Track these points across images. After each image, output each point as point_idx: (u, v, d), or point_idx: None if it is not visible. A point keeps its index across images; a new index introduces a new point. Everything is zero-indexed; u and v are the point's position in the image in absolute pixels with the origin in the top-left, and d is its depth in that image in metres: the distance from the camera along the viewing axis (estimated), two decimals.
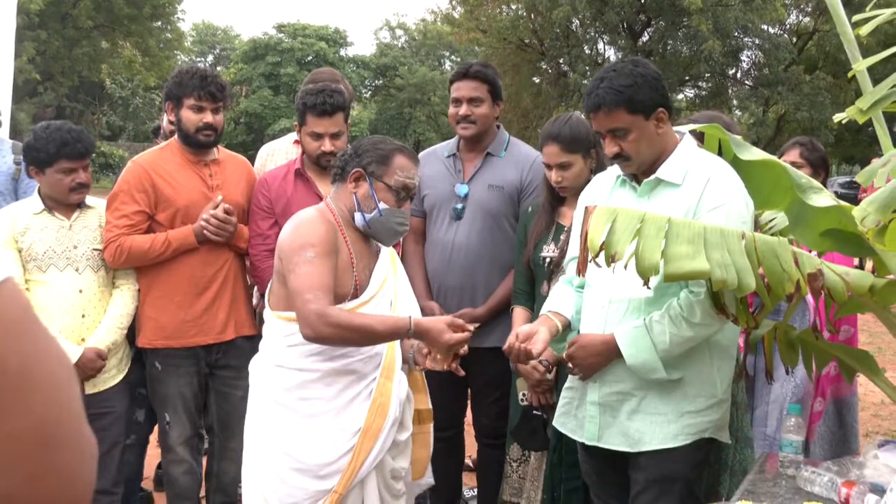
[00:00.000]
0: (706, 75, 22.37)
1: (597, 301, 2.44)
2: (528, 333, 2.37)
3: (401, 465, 2.58)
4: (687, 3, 19.08)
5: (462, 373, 2.56)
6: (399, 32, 43.07)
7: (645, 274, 1.99)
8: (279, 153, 3.81)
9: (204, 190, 3.25)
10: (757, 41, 22.00)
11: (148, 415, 3.62)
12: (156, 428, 3.75)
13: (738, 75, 23.47)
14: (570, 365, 2.44)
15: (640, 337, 2.30)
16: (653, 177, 2.40)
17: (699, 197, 2.32)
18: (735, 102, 23.47)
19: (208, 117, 3.20)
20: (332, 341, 2.37)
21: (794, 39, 22.96)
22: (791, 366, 2.67)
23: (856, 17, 2.21)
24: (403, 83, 38.27)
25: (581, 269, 2.09)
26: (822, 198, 2.42)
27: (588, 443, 2.46)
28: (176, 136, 3.31)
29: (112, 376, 3.23)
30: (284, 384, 2.45)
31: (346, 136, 3.33)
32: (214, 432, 3.48)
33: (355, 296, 2.49)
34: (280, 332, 2.48)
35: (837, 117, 2.21)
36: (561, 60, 23.01)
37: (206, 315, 3.25)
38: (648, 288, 2.10)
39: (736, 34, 21.39)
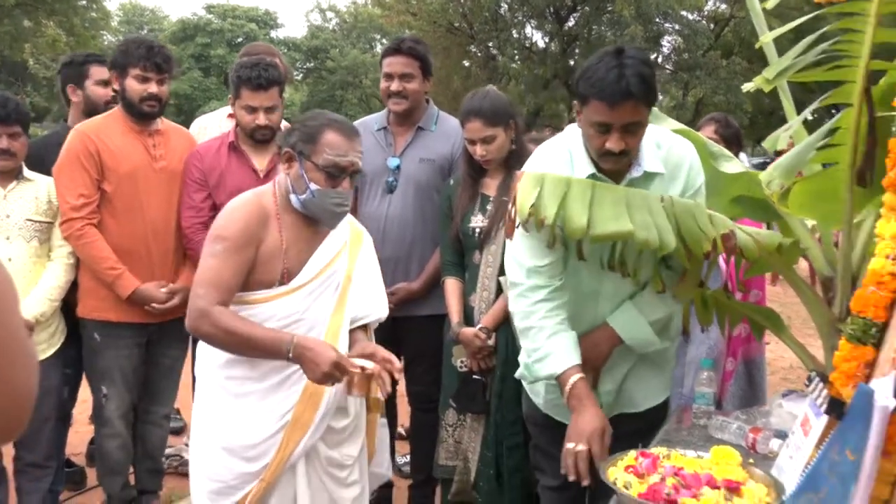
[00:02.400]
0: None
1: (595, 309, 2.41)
2: (602, 438, 2.17)
3: (346, 453, 2.49)
4: None
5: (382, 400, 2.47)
6: (330, 15, 42.44)
7: (573, 236, 2.05)
8: (212, 127, 3.78)
9: (147, 159, 3.22)
10: (677, 27, 22.47)
11: (71, 391, 3.56)
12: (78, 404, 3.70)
13: (660, 60, 23.90)
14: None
15: (632, 318, 2.35)
16: (640, 172, 2.26)
17: (685, 181, 2.30)
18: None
19: (153, 87, 3.19)
20: (209, 341, 2.30)
21: (712, 25, 23.47)
22: (706, 325, 2.78)
23: None
24: (335, 66, 37.81)
25: (509, 233, 2.14)
26: (733, 165, 2.53)
27: None
28: (120, 105, 3.28)
29: (42, 350, 3.16)
30: (217, 361, 2.39)
31: (281, 110, 3.31)
32: (140, 396, 3.45)
33: (282, 283, 2.37)
34: None
35: (746, 87, 2.30)
36: (490, 44, 23.07)
37: None
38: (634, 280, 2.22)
39: (657, 19, 21.77)
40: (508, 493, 2.98)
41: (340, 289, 2.46)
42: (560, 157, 2.29)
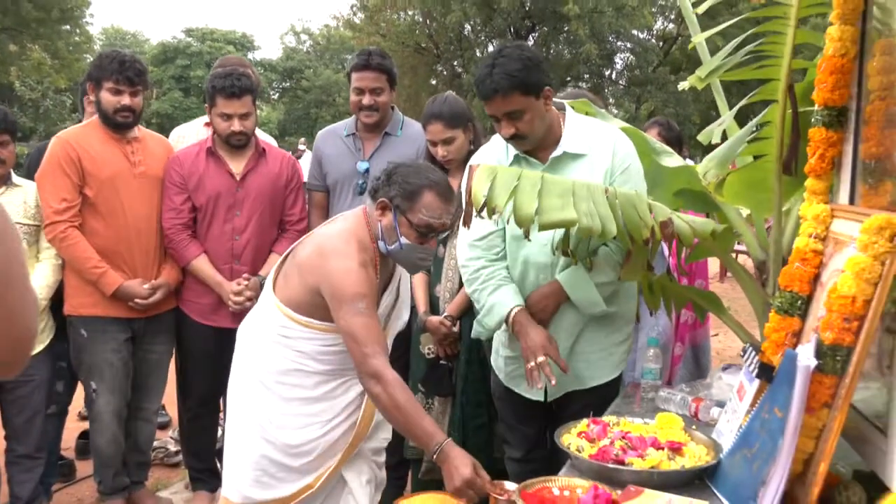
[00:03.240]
0: (585, 76, 22.98)
1: (536, 275, 2.48)
2: (552, 344, 2.35)
3: (383, 437, 2.50)
4: (566, 9, 19.56)
5: None
6: (304, 37, 42.36)
7: (522, 223, 2.09)
8: (190, 135, 3.78)
9: (126, 165, 3.22)
10: (629, 45, 22.80)
11: (67, 385, 3.54)
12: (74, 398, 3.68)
13: (613, 76, 24.23)
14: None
15: (580, 277, 2.41)
16: (559, 151, 2.41)
17: (611, 162, 2.39)
18: (612, 100, 24.19)
19: (125, 100, 3.18)
20: (373, 399, 2.19)
21: (661, 44, 23.83)
22: (654, 309, 2.84)
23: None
24: (309, 85, 37.77)
25: (466, 222, 2.18)
26: (674, 160, 2.59)
27: (550, 399, 2.53)
28: (98, 115, 3.27)
29: None
30: (268, 364, 2.33)
31: (255, 117, 3.33)
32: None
33: None
34: (276, 319, 2.33)
35: (681, 85, 2.38)
36: (455, 63, 23.21)
37: None
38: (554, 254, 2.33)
39: (610, 38, 22.09)
40: None
41: (391, 314, 2.48)
42: (498, 146, 2.53)
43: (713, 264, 8.72)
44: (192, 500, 3.57)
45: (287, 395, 2.31)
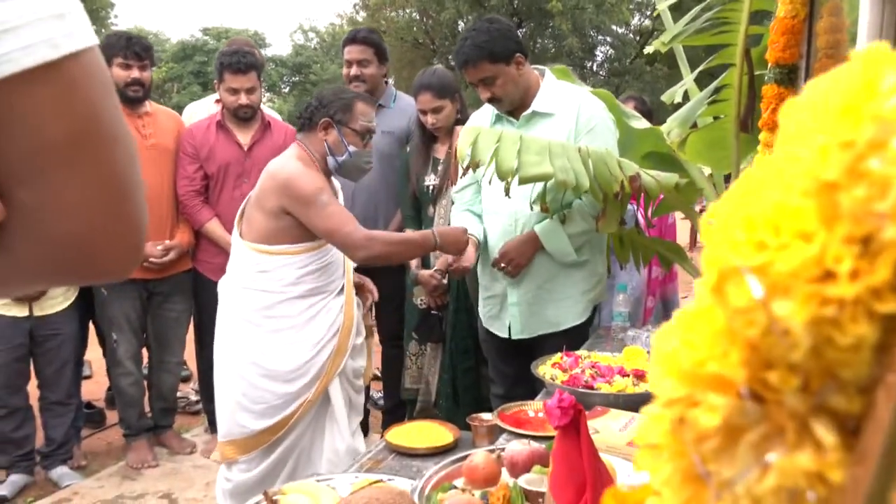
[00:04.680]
0: (569, 67, 22.84)
1: (502, 222, 2.51)
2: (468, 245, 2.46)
3: (360, 364, 2.54)
4: (551, 6, 19.41)
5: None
6: (311, 35, 41.93)
7: (504, 176, 2.09)
8: (201, 112, 3.74)
9: (138, 138, 3.18)
10: (608, 39, 22.61)
11: (83, 338, 3.53)
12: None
13: (594, 67, 24.05)
14: (502, 266, 2.46)
15: (554, 229, 2.41)
16: (529, 110, 2.44)
17: (576, 121, 2.39)
18: (592, 90, 24.06)
19: (135, 73, 3.14)
20: (382, 258, 2.31)
21: (638, 38, 23.65)
22: (623, 262, 2.84)
23: None
24: (317, 79, 37.46)
25: (453, 179, 2.17)
26: (641, 122, 2.58)
27: (514, 338, 2.54)
28: None
29: (59, 302, 3.15)
30: (253, 304, 2.33)
31: (260, 91, 3.30)
32: (152, 349, 3.47)
33: (314, 237, 2.33)
34: (251, 259, 2.33)
35: (646, 50, 2.36)
36: (449, 57, 23.01)
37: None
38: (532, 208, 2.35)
39: (591, 33, 21.90)
40: (463, 408, 3.02)
41: None
42: (486, 109, 2.60)
43: (683, 234, 8.71)
44: (211, 441, 3.61)
45: (275, 328, 2.32)
